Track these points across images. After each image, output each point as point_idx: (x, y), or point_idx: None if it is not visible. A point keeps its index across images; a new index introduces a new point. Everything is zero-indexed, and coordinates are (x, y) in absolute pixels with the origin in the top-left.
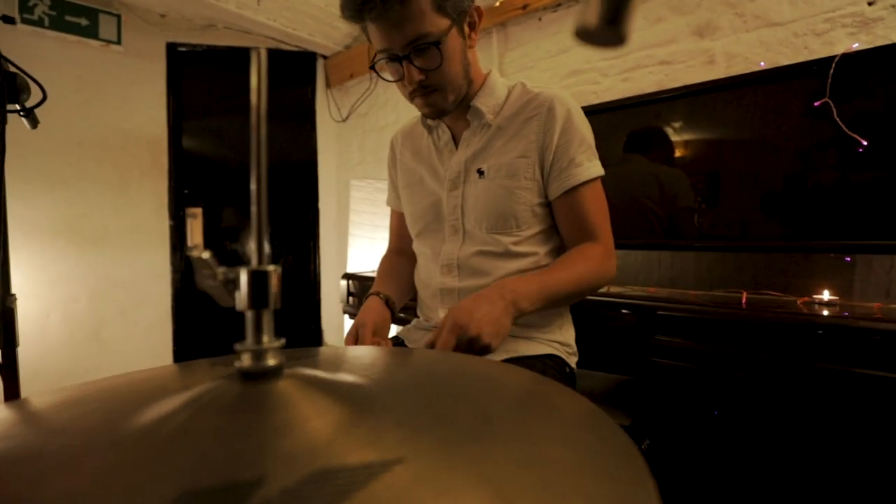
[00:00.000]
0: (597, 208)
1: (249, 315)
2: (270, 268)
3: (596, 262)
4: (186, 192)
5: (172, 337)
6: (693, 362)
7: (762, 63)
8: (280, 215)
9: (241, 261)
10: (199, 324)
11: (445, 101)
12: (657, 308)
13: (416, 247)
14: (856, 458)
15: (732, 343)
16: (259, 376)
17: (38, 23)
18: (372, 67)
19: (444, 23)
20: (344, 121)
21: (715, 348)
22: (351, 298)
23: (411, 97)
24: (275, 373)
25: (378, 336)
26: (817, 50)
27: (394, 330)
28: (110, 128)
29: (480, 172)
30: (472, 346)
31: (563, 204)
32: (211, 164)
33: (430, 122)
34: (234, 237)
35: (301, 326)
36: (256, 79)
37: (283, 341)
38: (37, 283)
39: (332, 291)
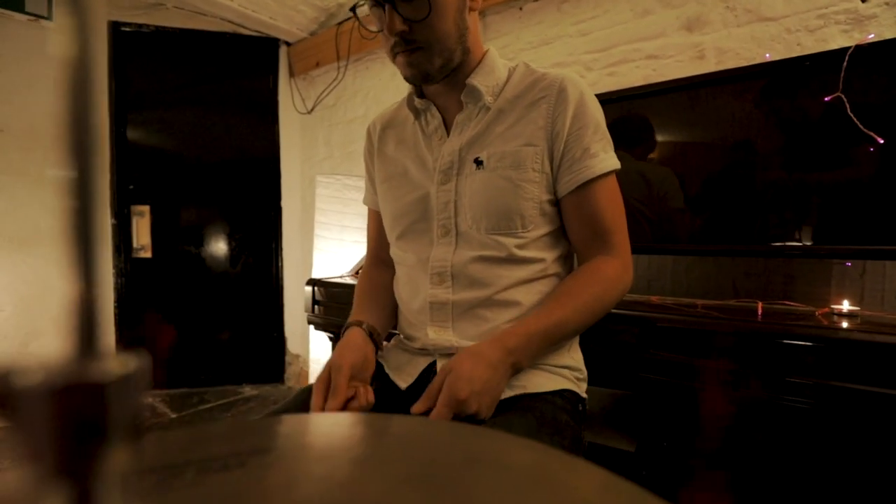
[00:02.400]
0: (613, 208)
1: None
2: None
3: (609, 281)
4: (132, 187)
5: (115, 350)
6: (699, 380)
7: (768, 55)
8: (239, 214)
9: (203, 266)
10: (145, 330)
11: (431, 63)
12: (657, 321)
13: (396, 252)
14: (876, 483)
15: (747, 358)
16: None
17: None
18: (352, 10)
19: None
20: (309, 113)
21: (725, 364)
22: (316, 307)
23: (393, 54)
24: None
25: (357, 380)
26: (810, 46)
27: None
28: (40, 114)
29: (478, 162)
30: (468, 419)
31: (574, 201)
32: (160, 157)
33: (417, 103)
34: (190, 238)
35: (262, 335)
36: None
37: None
38: None
39: (297, 296)
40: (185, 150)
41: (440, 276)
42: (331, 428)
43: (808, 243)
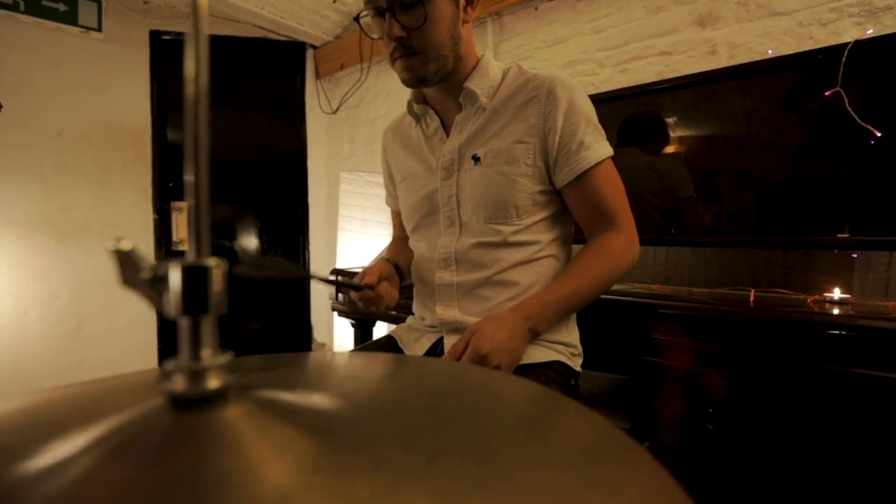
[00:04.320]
0: (612, 189)
1: (184, 323)
2: (211, 262)
3: (617, 254)
4: (171, 185)
5: (157, 334)
6: (698, 363)
7: (770, 51)
8: (268, 210)
9: (235, 259)
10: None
11: (426, 67)
12: (659, 307)
13: (412, 243)
14: (863, 461)
15: (740, 344)
16: (196, 403)
17: (13, 7)
18: (356, 19)
19: None
20: (334, 112)
21: (721, 348)
22: (340, 296)
23: (392, 58)
24: (218, 398)
25: (386, 282)
26: (822, 40)
27: (385, 328)
28: (91, 119)
29: (476, 159)
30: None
31: (575, 190)
32: None
33: (416, 109)
34: (224, 232)
35: (290, 324)
36: (194, 65)
37: (229, 356)
38: (14, 279)
39: (322, 288)
40: (220, 149)
41: (445, 261)
42: (345, 360)
43: (810, 236)
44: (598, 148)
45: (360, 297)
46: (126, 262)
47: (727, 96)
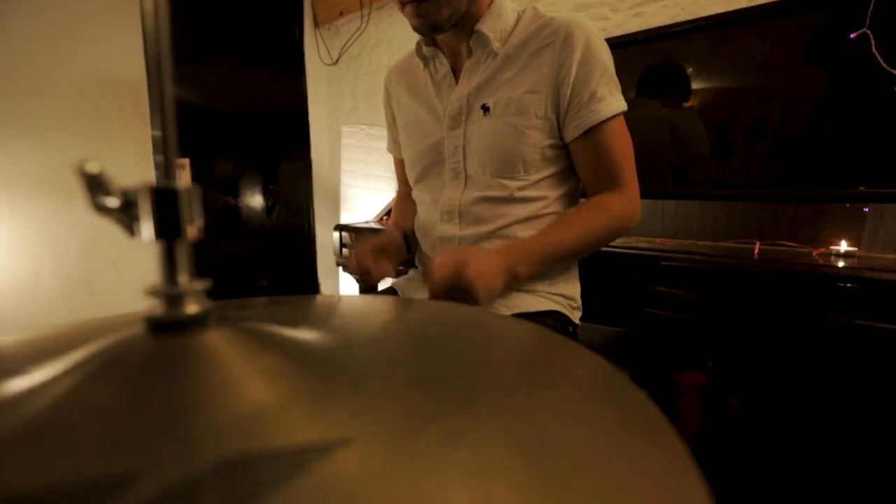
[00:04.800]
0: (620, 148)
1: (159, 248)
2: (181, 185)
3: (613, 214)
4: None
5: None
6: (699, 315)
7: None
8: (271, 166)
9: (239, 217)
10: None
11: (439, 13)
12: (662, 259)
13: (416, 194)
14: (864, 413)
15: (743, 294)
16: (174, 327)
17: None
18: None
19: None
20: (334, 64)
21: (724, 300)
22: (344, 250)
23: (401, 4)
24: (196, 323)
25: (382, 255)
26: None
27: (389, 280)
28: (86, 71)
29: (485, 109)
30: (465, 293)
31: (582, 145)
32: (195, 111)
33: (425, 51)
34: (228, 189)
35: (297, 281)
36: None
37: (206, 283)
38: (25, 235)
39: (328, 243)
40: (219, 103)
41: (449, 214)
42: (335, 300)
43: (824, 189)
44: (612, 101)
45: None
46: (95, 186)
47: (745, 42)
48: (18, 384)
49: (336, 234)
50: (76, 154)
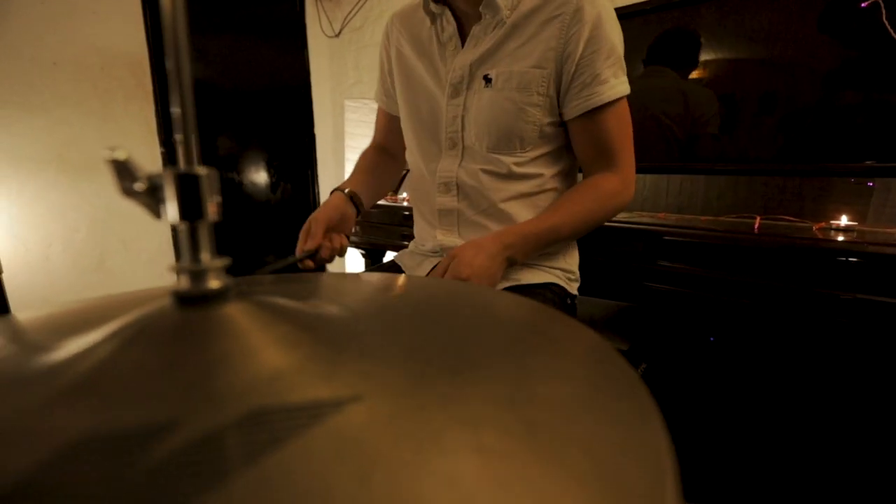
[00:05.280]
0: (619, 130)
1: (182, 229)
2: (202, 170)
3: (607, 195)
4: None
5: None
6: (699, 289)
7: None
8: (274, 142)
9: (242, 193)
10: None
11: None
12: (664, 234)
13: (410, 157)
14: (856, 384)
15: (742, 269)
16: (199, 301)
17: None
18: None
19: None
20: (337, 36)
21: (724, 274)
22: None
23: None
24: (218, 296)
25: (335, 232)
26: None
27: (389, 255)
28: (86, 46)
29: (487, 80)
30: None
31: (581, 125)
32: (200, 86)
33: (433, 7)
34: (232, 166)
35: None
36: None
37: (227, 260)
38: (34, 212)
39: None
40: (220, 78)
41: (446, 186)
42: (344, 277)
43: (829, 163)
44: (615, 84)
45: (303, 267)
46: (123, 172)
47: (754, 12)
48: (66, 350)
49: None
50: (80, 130)
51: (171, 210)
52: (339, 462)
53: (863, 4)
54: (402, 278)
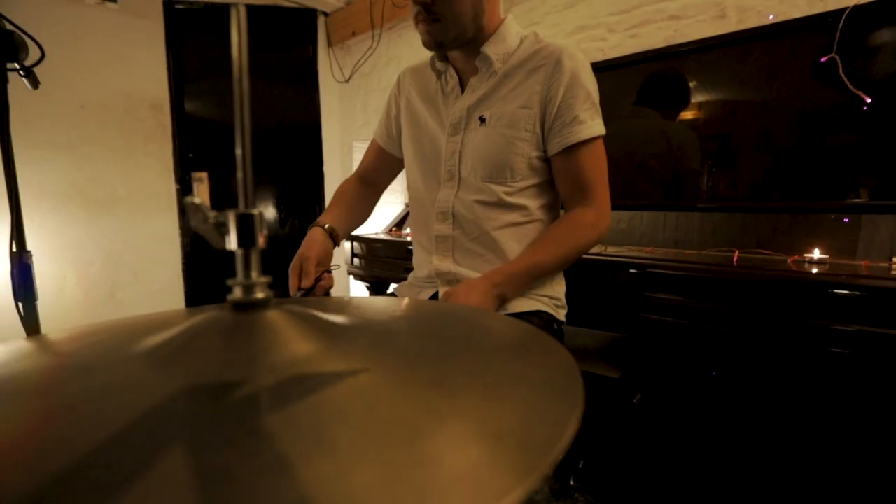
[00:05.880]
0: (595, 167)
1: (239, 253)
2: (255, 211)
3: (585, 229)
4: (191, 155)
5: (185, 298)
6: (683, 318)
7: (771, 16)
8: (285, 179)
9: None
10: (210, 285)
11: (446, 34)
12: (648, 266)
13: (413, 191)
14: (837, 407)
15: (722, 299)
16: (249, 307)
17: None
18: None
19: None
20: (347, 81)
21: (705, 305)
22: (356, 260)
23: (416, 20)
24: (263, 304)
25: (321, 266)
26: (833, 3)
27: (393, 286)
28: (112, 90)
29: (482, 119)
30: None
31: (562, 160)
32: (214, 127)
33: (438, 65)
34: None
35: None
36: (237, 36)
37: (269, 278)
38: (52, 245)
39: (338, 254)
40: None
41: (444, 215)
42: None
43: (801, 201)
44: (592, 125)
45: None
46: (196, 212)
47: (728, 63)
48: (151, 341)
49: (348, 244)
50: (102, 167)
51: (232, 240)
52: (354, 401)
53: (822, 60)
54: (404, 300)
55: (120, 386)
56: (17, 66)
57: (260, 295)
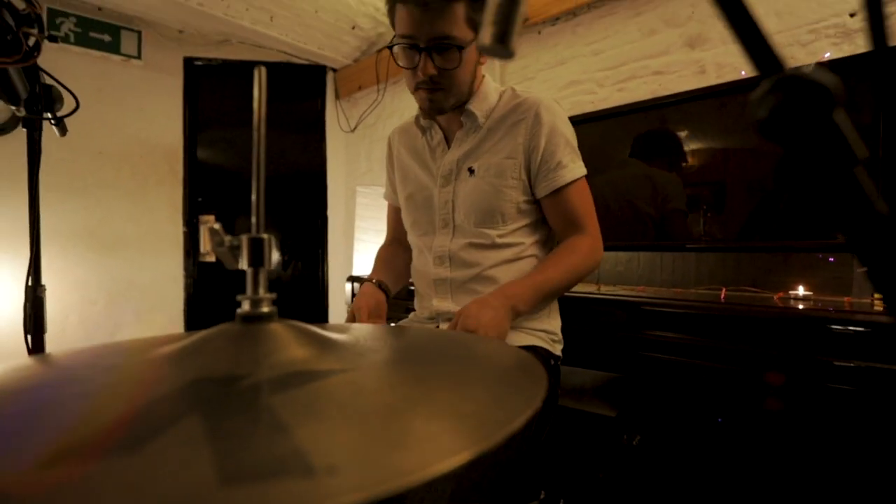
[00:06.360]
0: (582, 203)
1: (249, 272)
2: (265, 236)
3: (583, 252)
4: (200, 199)
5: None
6: (676, 355)
7: (743, 72)
8: (290, 223)
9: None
10: (210, 326)
11: (447, 101)
12: (642, 304)
13: (411, 239)
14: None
15: (711, 336)
16: (256, 319)
17: (65, 39)
18: (390, 48)
19: (468, 33)
20: (352, 131)
21: (696, 341)
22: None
23: (416, 88)
24: (268, 318)
25: (374, 317)
26: (803, 59)
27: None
28: (130, 137)
29: (471, 171)
30: None
31: (551, 201)
32: (224, 173)
33: (422, 122)
34: None
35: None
36: (258, 93)
37: (275, 294)
38: (57, 285)
39: (340, 296)
40: (246, 166)
41: (440, 259)
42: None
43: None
44: (574, 168)
45: None
46: (215, 236)
47: (710, 114)
48: (168, 347)
49: (348, 286)
50: (114, 209)
51: (244, 260)
52: (342, 388)
53: None
54: (403, 327)
55: (140, 377)
56: (49, 115)
57: (265, 309)
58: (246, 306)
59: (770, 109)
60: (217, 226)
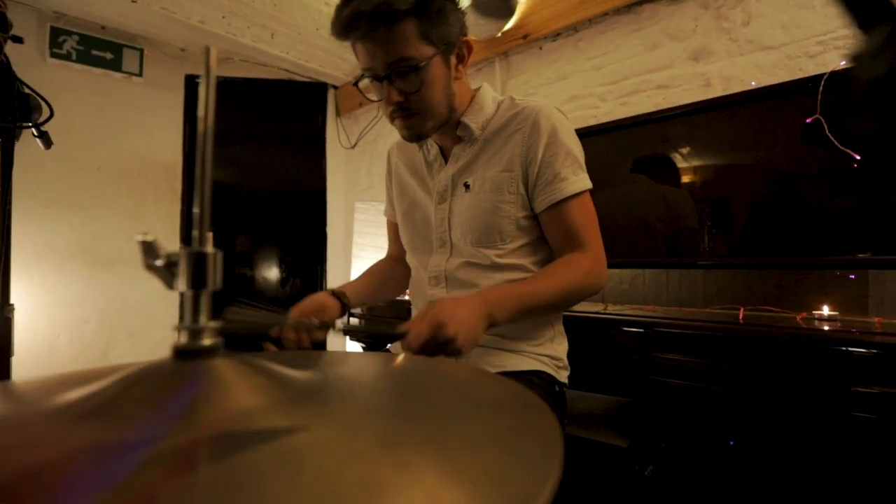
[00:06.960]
0: (584, 219)
1: (188, 295)
2: (209, 250)
3: (581, 270)
4: None
5: None
6: (691, 380)
7: (753, 83)
8: (288, 240)
9: (254, 288)
10: None
11: (423, 125)
12: (655, 324)
13: (408, 258)
14: (848, 469)
15: (728, 359)
16: (194, 354)
17: (67, 57)
18: (355, 84)
19: (427, 50)
20: (352, 147)
21: (713, 365)
22: (350, 319)
23: (391, 118)
24: (210, 352)
25: (304, 314)
26: (811, 71)
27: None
28: (129, 154)
29: (467, 186)
30: (446, 347)
31: (549, 216)
32: (223, 189)
33: None
34: (246, 262)
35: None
36: (206, 76)
37: (219, 323)
38: (47, 303)
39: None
40: (244, 182)
41: (436, 279)
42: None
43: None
44: (576, 181)
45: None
46: (148, 250)
47: (716, 126)
48: (80, 391)
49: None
50: (110, 226)
51: (182, 281)
52: (277, 465)
53: (807, 121)
54: (376, 356)
55: (21, 437)
56: (31, 126)
57: (207, 342)
58: (182, 338)
59: (892, 64)
60: (150, 237)
